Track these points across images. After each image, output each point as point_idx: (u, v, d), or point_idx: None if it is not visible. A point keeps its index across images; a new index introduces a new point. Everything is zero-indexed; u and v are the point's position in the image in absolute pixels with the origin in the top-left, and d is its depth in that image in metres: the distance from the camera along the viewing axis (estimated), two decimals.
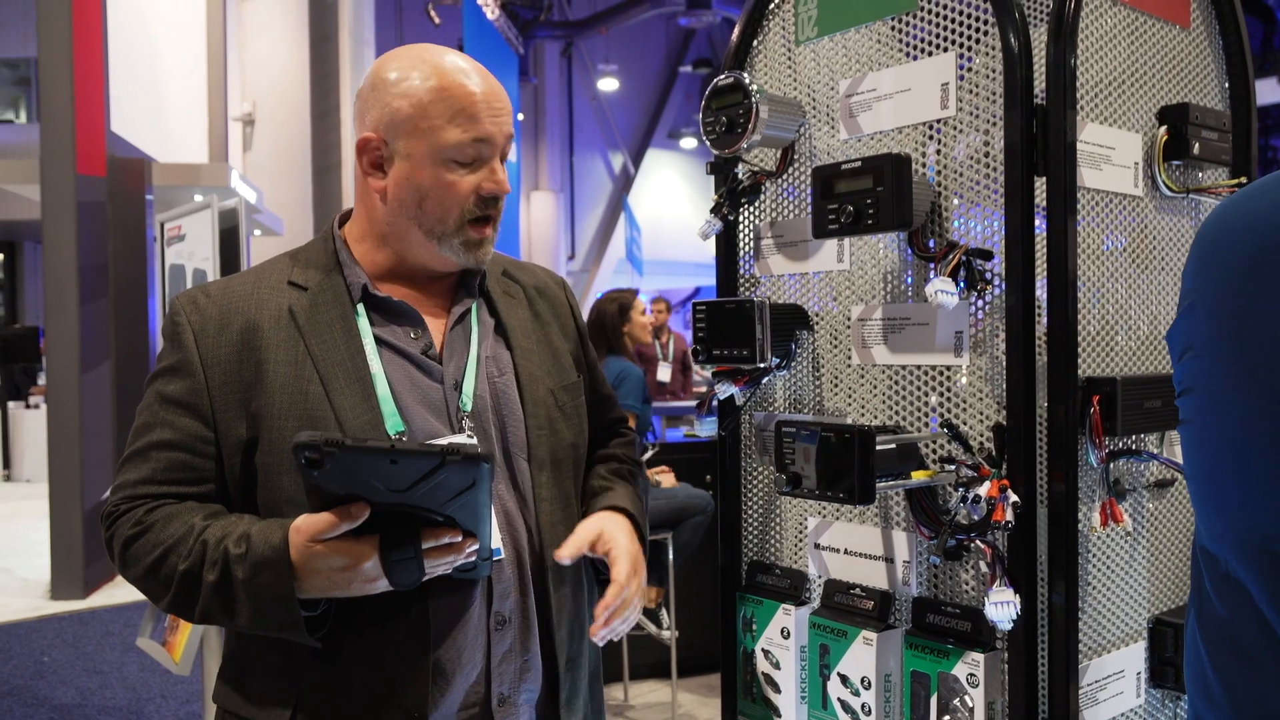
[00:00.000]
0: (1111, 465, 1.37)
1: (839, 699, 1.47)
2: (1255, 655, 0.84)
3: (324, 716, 1.25)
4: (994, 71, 1.34)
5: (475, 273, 1.42)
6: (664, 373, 8.01)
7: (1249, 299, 0.86)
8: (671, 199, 22.62)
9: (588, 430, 1.48)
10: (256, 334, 1.29)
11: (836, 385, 1.54)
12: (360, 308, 1.33)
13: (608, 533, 1.34)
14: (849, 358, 1.52)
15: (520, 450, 1.37)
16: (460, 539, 1.16)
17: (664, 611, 3.94)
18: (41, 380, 10.84)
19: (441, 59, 1.32)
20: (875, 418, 1.49)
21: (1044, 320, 1.31)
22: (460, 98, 1.29)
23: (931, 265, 1.38)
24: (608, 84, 21.15)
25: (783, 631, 1.58)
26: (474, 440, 1.31)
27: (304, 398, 1.27)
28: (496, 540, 1.28)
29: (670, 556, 3.81)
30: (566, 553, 1.31)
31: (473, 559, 1.19)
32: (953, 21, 1.38)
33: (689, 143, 22.62)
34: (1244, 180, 1.54)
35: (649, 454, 4.06)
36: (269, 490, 1.27)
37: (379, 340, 1.32)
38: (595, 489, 1.50)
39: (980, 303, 1.36)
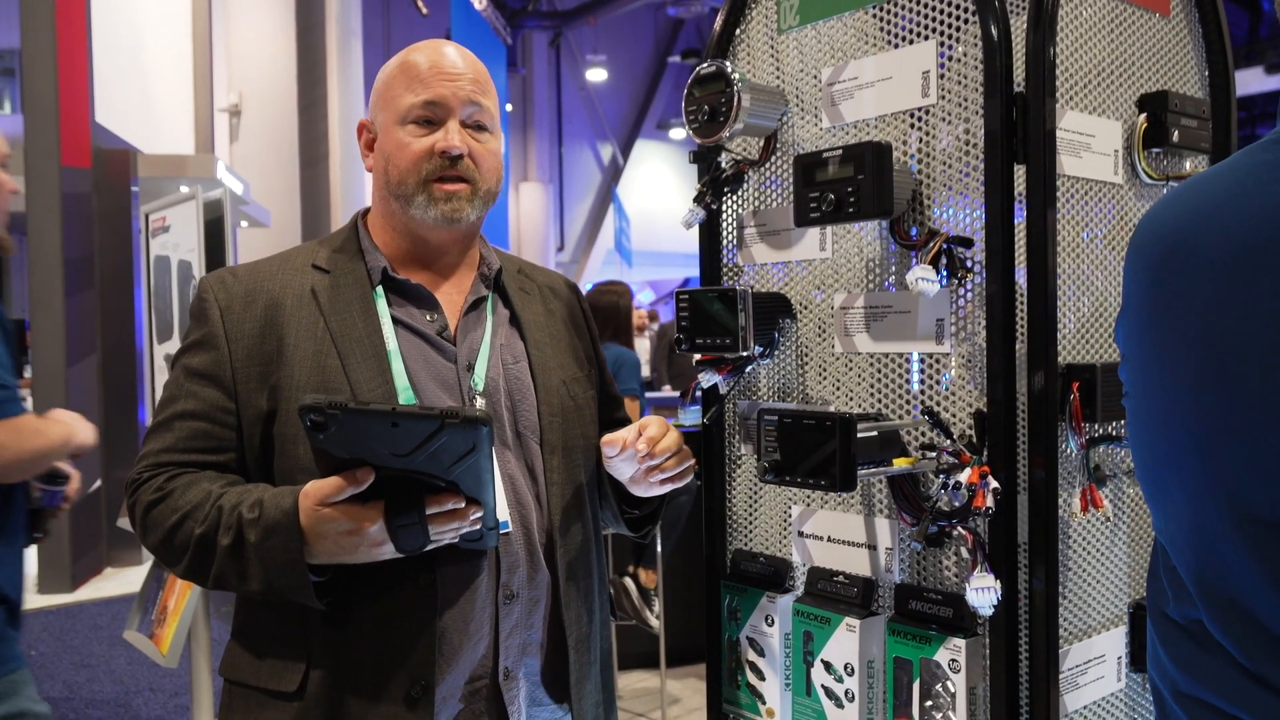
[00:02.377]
0: (1091, 451, 1.38)
1: (823, 685, 1.48)
2: (1197, 636, 0.88)
3: (334, 681, 1.27)
4: (974, 60, 1.34)
5: (491, 266, 1.47)
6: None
7: (1155, 308, 0.90)
8: (660, 189, 22.60)
9: (597, 424, 1.50)
10: (279, 311, 1.35)
11: (821, 374, 1.54)
12: (379, 289, 1.39)
13: (640, 423, 1.37)
14: (832, 346, 1.52)
15: (533, 433, 1.41)
16: (464, 505, 1.19)
17: (654, 601, 3.96)
18: (28, 373, 10.77)
19: (420, 44, 1.41)
20: (859, 406, 1.49)
21: (1024, 307, 1.31)
22: (413, 66, 1.38)
23: (913, 253, 1.38)
24: (596, 74, 21.10)
25: (767, 619, 1.59)
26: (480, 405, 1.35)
27: (321, 371, 1.31)
28: (504, 513, 1.32)
29: (659, 545, 3.82)
30: (613, 438, 1.32)
31: (478, 527, 1.22)
32: (934, 9, 1.39)
33: (678, 133, 22.59)
34: None
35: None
36: (285, 459, 1.31)
37: (396, 320, 1.38)
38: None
39: (962, 290, 1.37)
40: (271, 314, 1.35)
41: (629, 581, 3.92)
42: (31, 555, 6.18)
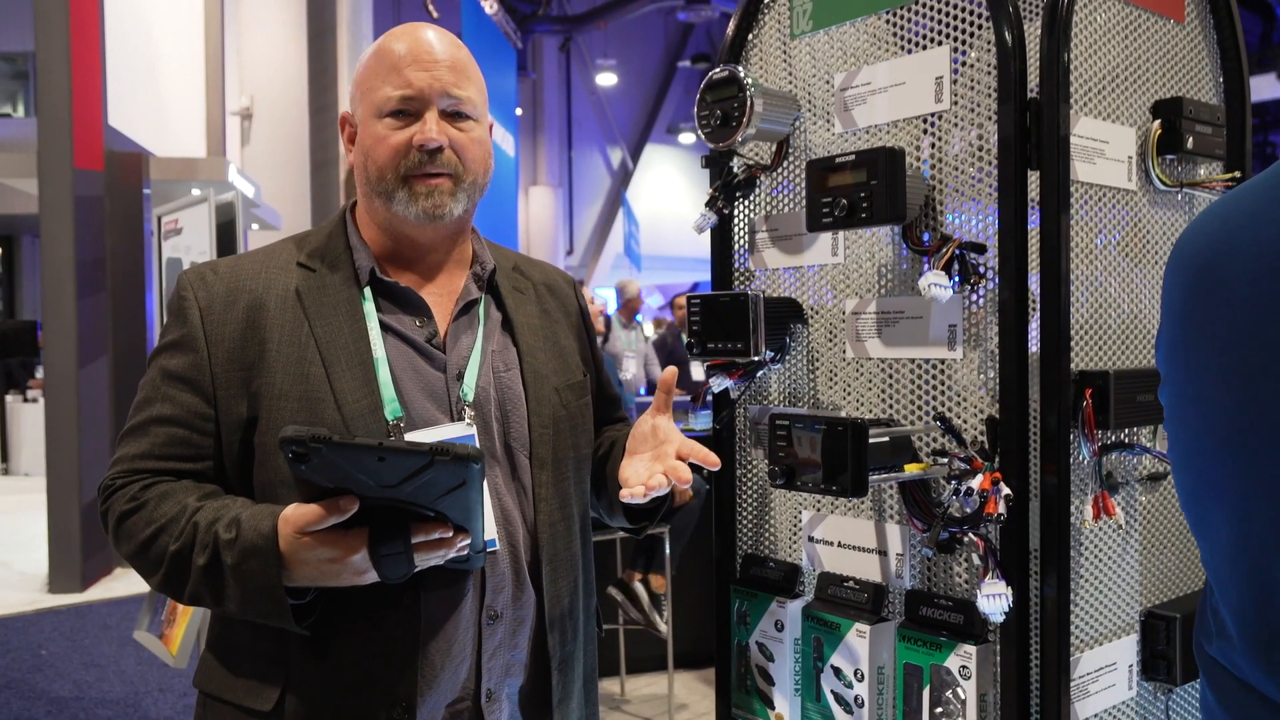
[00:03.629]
0: (1104, 458, 1.38)
1: (832, 691, 1.48)
2: (1234, 672, 0.84)
3: (312, 702, 1.23)
4: (988, 66, 1.34)
5: (485, 266, 1.42)
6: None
7: (1188, 328, 0.86)
8: (670, 194, 22.62)
9: (592, 431, 1.48)
10: (262, 313, 1.28)
11: (831, 379, 1.54)
12: (367, 291, 1.33)
13: (660, 435, 1.30)
14: (844, 351, 1.52)
15: (522, 447, 1.36)
16: (451, 534, 1.15)
17: (664, 605, 3.96)
18: (39, 374, 10.83)
19: (397, 30, 1.35)
20: (870, 411, 1.49)
21: (1037, 314, 1.31)
22: (388, 55, 1.32)
23: (925, 259, 1.38)
24: (606, 79, 21.13)
25: (776, 624, 1.58)
26: (473, 430, 1.30)
27: (304, 379, 1.25)
28: (491, 532, 1.27)
29: (667, 550, 3.82)
30: (638, 492, 1.23)
31: (465, 553, 1.18)
32: (947, 15, 1.39)
33: (687, 138, 22.61)
34: (1238, 175, 1.54)
35: None
36: (266, 470, 1.26)
37: (384, 325, 1.31)
38: (613, 438, 1.52)
39: (974, 296, 1.36)
40: (254, 316, 1.28)
41: (639, 586, 3.91)
42: (42, 555, 6.21)
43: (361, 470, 1.08)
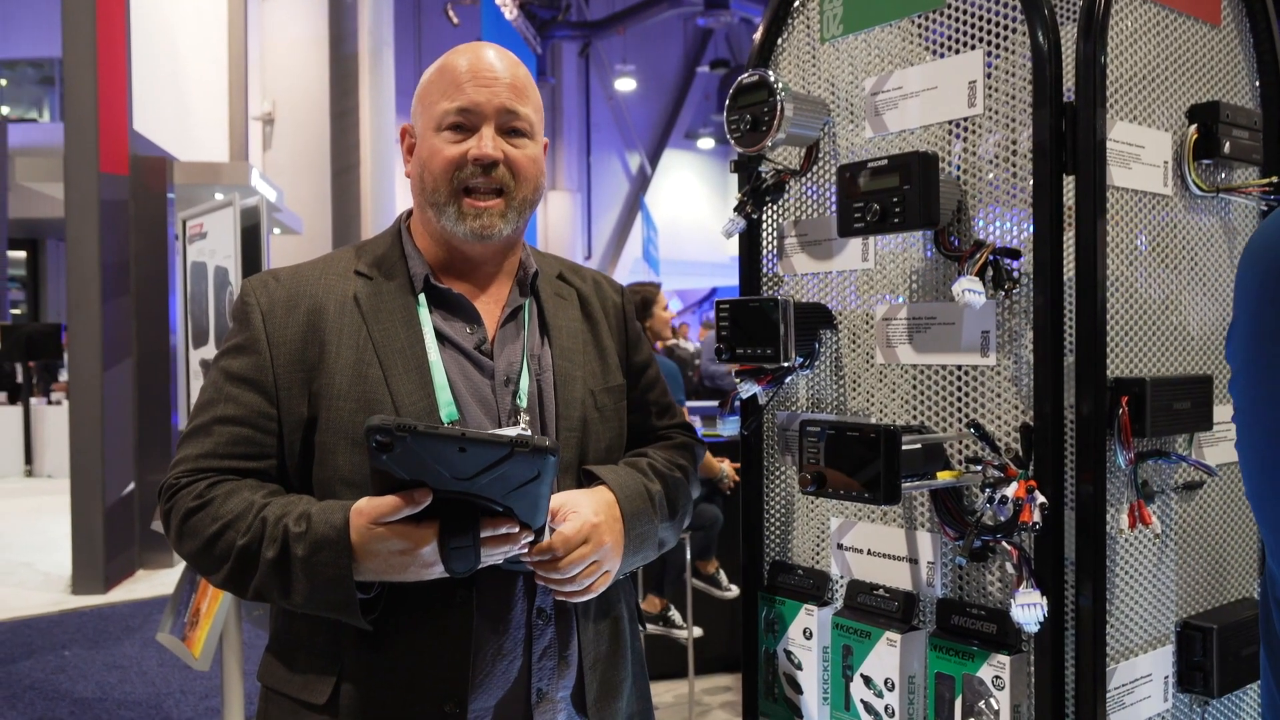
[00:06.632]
0: (1140, 467, 1.36)
1: (862, 700, 1.47)
2: None
3: (366, 696, 1.26)
4: (1021, 69, 1.33)
5: (528, 271, 1.45)
6: None
7: (1256, 329, 0.85)
8: (688, 199, 22.60)
9: (626, 434, 1.49)
10: (322, 317, 1.33)
11: (859, 385, 1.53)
12: (422, 298, 1.37)
13: (570, 502, 1.29)
14: (872, 357, 1.51)
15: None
16: (517, 530, 1.17)
17: (674, 611, 3.96)
18: (63, 377, 10.93)
19: (461, 47, 1.39)
20: (898, 417, 1.48)
21: (1072, 320, 1.29)
22: (450, 71, 1.35)
23: (958, 264, 1.36)
24: (625, 84, 21.17)
25: (805, 632, 1.57)
26: (528, 434, 1.32)
27: (363, 381, 1.29)
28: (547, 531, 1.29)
29: (689, 555, 3.81)
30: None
31: (525, 549, 1.21)
32: (980, 19, 1.37)
33: (706, 143, 22.60)
34: (1275, 180, 1.52)
35: None
36: (325, 469, 1.29)
37: (437, 332, 1.35)
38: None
39: (1007, 302, 1.35)
40: (314, 320, 1.32)
41: (644, 608, 3.94)
42: (66, 557, 6.26)
43: (441, 462, 1.10)
